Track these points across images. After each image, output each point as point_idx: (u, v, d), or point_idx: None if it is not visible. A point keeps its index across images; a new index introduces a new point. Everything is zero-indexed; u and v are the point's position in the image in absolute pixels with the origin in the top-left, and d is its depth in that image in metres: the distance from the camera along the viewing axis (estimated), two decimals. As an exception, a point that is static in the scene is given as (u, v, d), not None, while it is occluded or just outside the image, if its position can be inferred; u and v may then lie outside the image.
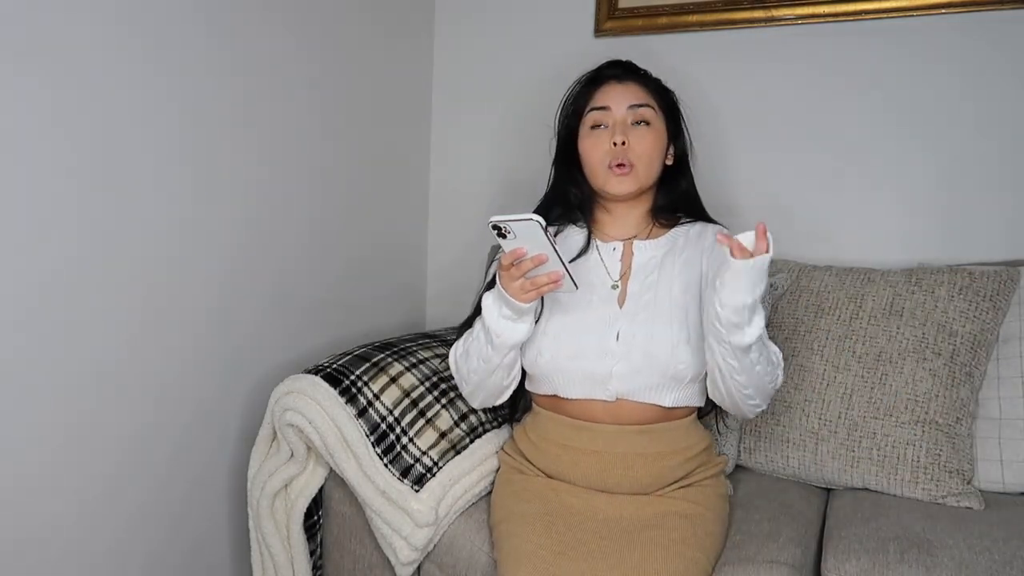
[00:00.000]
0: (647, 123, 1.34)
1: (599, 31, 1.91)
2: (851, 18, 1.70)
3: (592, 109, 1.36)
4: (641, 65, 1.43)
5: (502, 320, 1.25)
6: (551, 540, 1.19)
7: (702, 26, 1.82)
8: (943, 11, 1.63)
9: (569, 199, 1.43)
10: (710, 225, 1.41)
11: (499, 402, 1.39)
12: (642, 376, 1.26)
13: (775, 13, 1.75)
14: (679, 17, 1.84)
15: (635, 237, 1.39)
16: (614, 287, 1.34)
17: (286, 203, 1.61)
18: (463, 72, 2.09)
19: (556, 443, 1.31)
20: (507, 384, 1.35)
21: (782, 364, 1.28)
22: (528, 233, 1.13)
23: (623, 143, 1.32)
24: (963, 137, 1.65)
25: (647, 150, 1.33)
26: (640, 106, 1.34)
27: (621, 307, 1.31)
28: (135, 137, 1.26)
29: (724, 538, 1.28)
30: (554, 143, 1.44)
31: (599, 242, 1.40)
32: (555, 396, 1.33)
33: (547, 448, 1.32)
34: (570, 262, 1.29)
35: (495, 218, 1.13)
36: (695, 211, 1.44)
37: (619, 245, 1.38)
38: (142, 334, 1.31)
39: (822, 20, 1.72)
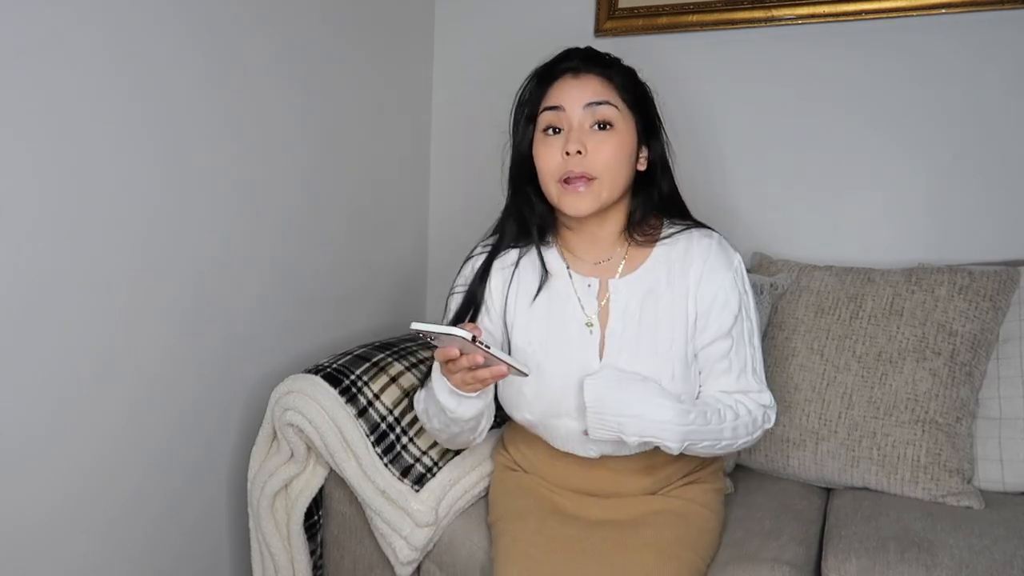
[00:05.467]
0: (609, 125, 1.14)
1: (599, 31, 1.91)
2: (851, 18, 1.70)
3: (545, 109, 1.16)
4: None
5: (451, 397, 1.13)
6: (543, 538, 1.17)
7: (702, 26, 1.82)
8: (943, 11, 1.63)
9: (524, 218, 1.24)
10: (695, 238, 1.21)
11: (476, 444, 1.32)
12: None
13: (775, 13, 1.75)
14: (679, 17, 1.84)
15: (608, 262, 1.23)
16: (588, 325, 1.19)
17: (285, 204, 1.60)
18: (463, 72, 2.09)
19: (544, 453, 1.28)
20: (475, 437, 1.26)
21: (769, 417, 1.19)
22: (457, 343, 1.01)
23: (578, 152, 1.12)
24: (963, 136, 1.65)
25: (609, 159, 1.13)
26: (599, 104, 1.13)
27: (601, 359, 1.18)
28: (140, 135, 1.26)
29: (720, 535, 1.26)
30: (508, 151, 1.25)
31: (573, 272, 1.23)
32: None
33: (535, 458, 1.30)
34: (534, 297, 1.22)
35: (416, 326, 0.99)
36: (678, 214, 1.26)
37: (595, 282, 1.21)
38: (142, 334, 1.31)
39: (822, 20, 1.73)
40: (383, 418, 1.38)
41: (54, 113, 1.13)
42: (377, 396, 1.41)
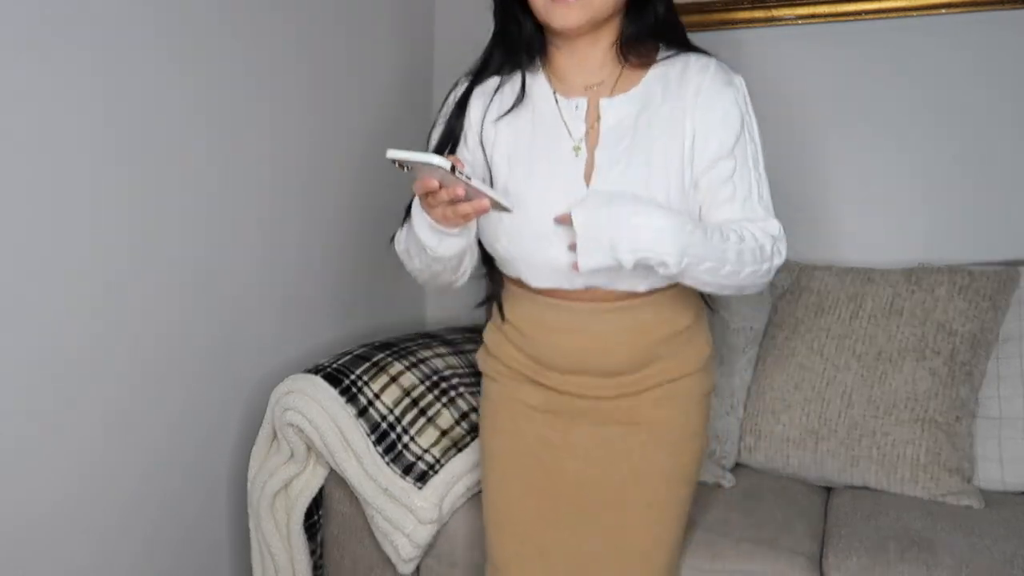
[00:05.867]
0: None
1: (599, 31, 1.91)
2: (851, 18, 1.71)
3: None
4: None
5: (432, 233, 1.06)
6: (530, 495, 1.15)
7: (702, 26, 1.82)
8: (943, 11, 1.64)
9: (512, 39, 1.17)
10: (693, 60, 1.13)
11: (457, 287, 1.23)
12: (613, 268, 1.04)
13: (775, 13, 1.76)
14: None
15: (600, 85, 1.14)
16: (576, 149, 1.11)
17: (286, 203, 1.60)
18: (463, 71, 2.09)
19: (531, 321, 1.17)
20: (455, 279, 1.19)
21: (779, 250, 1.10)
22: (436, 174, 0.96)
23: None
24: (963, 137, 1.65)
25: None
26: None
27: (588, 184, 1.10)
28: (138, 135, 1.26)
29: (706, 435, 1.21)
30: None
31: (559, 95, 1.15)
32: (520, 279, 1.17)
33: (523, 326, 1.19)
34: (504, 114, 1.15)
35: (392, 153, 0.93)
36: (675, 39, 1.16)
37: (582, 102, 1.13)
38: (141, 334, 1.31)
39: (822, 20, 1.73)
40: (383, 418, 1.38)
41: (53, 113, 1.13)
42: (377, 396, 1.41)
